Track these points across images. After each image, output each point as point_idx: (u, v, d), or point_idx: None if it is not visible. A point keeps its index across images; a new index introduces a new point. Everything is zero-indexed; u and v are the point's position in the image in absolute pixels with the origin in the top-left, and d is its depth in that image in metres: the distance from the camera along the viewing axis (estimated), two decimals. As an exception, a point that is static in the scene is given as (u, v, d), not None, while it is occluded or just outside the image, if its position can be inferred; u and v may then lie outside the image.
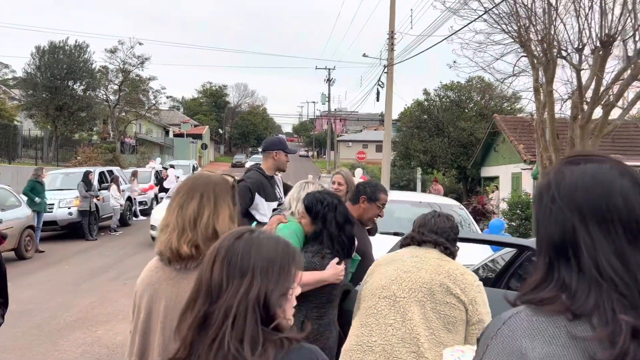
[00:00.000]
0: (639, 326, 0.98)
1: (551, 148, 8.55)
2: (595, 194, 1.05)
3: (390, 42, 24.92)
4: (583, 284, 1.02)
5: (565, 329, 1.00)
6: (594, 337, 0.98)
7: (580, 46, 7.69)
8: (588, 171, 1.08)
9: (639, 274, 1.01)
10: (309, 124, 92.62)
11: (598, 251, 1.02)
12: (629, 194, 1.05)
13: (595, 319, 0.99)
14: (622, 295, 1.00)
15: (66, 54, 31.49)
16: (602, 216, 1.04)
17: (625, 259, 1.02)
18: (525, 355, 1.00)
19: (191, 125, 60.26)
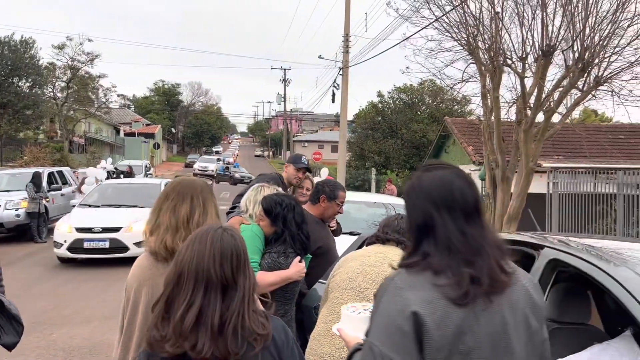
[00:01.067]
0: (474, 275, 1.46)
1: (497, 151, 9.00)
2: (442, 190, 1.56)
3: (345, 44, 25.27)
4: (438, 251, 1.50)
5: (430, 280, 1.47)
6: (447, 283, 1.45)
7: (524, 55, 8.14)
8: (437, 175, 1.59)
9: (472, 242, 1.50)
10: (265, 123, 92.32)
11: (447, 229, 1.51)
12: (463, 189, 1.56)
13: (449, 273, 1.46)
14: (463, 256, 1.48)
15: (11, 49, 30.33)
16: (447, 205, 1.53)
17: (464, 232, 1.51)
18: (407, 299, 1.44)
19: (143, 124, 58.97)
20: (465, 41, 8.87)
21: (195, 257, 1.56)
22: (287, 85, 55.02)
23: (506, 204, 8.94)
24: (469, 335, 1.45)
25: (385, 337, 1.45)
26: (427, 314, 1.43)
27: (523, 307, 1.55)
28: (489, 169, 9.45)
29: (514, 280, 1.55)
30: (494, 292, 1.50)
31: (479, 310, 1.48)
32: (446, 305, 1.44)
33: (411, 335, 1.43)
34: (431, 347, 1.43)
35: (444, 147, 24.64)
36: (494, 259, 1.52)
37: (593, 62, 7.97)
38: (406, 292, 1.47)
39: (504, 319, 1.51)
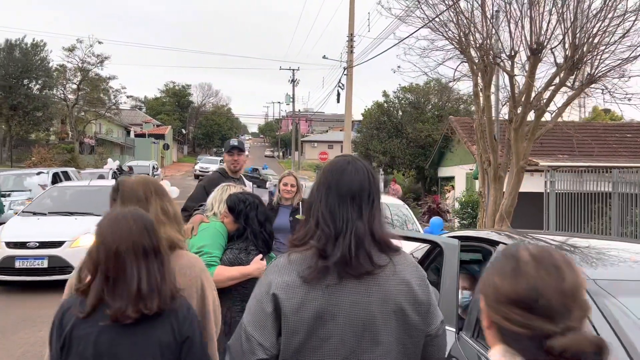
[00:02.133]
0: (325, 250, 1.56)
1: (489, 149, 8.99)
2: (329, 174, 1.69)
3: (349, 44, 25.32)
4: (309, 228, 1.65)
5: (296, 260, 1.60)
6: (302, 258, 1.60)
7: (513, 53, 8.12)
8: (334, 162, 1.75)
9: (337, 222, 1.60)
10: (275, 124, 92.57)
11: (319, 207, 1.65)
12: (351, 175, 1.66)
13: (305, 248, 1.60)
14: (326, 234, 1.59)
15: (22, 52, 30.79)
16: (327, 186, 1.67)
17: (332, 212, 1.63)
18: (271, 282, 1.58)
19: (153, 125, 59.47)
20: (457, 40, 8.87)
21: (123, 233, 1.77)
22: (295, 85, 55.11)
23: (498, 202, 8.92)
24: (330, 322, 1.53)
25: (251, 317, 1.58)
26: (286, 298, 1.53)
27: (399, 299, 1.58)
28: (482, 167, 9.45)
29: (390, 272, 1.59)
30: (348, 272, 1.56)
31: (332, 289, 1.55)
32: (304, 289, 1.54)
33: (272, 316, 1.54)
34: (288, 329, 1.53)
35: (450, 146, 24.57)
36: (358, 244, 1.57)
37: (583, 60, 7.94)
38: (273, 274, 1.59)
39: (370, 309, 1.56)
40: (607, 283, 2.43)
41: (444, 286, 3.37)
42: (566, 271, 1.13)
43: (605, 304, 2.26)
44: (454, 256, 3.45)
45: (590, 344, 1.07)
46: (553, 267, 1.13)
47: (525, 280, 1.12)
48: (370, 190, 1.67)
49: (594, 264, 2.90)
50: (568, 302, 1.10)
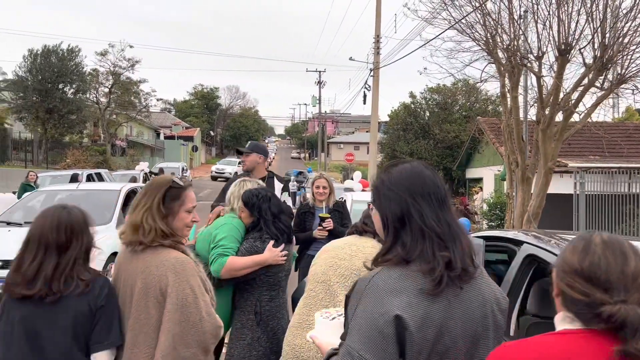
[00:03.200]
0: (450, 259, 1.48)
1: (516, 150, 8.96)
2: (415, 180, 1.60)
3: (376, 45, 25.32)
4: (414, 239, 1.52)
5: (408, 277, 1.47)
6: (420, 270, 1.48)
7: (540, 54, 8.09)
8: (406, 167, 1.65)
9: (446, 227, 1.53)
10: (301, 125, 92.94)
11: (424, 216, 1.53)
12: (434, 178, 1.62)
13: (422, 260, 1.49)
14: (439, 241, 1.51)
15: (58, 57, 31.70)
16: (422, 193, 1.57)
17: (439, 217, 1.54)
18: (389, 302, 1.44)
19: (182, 128, 60.38)
20: (483, 41, 8.87)
21: (39, 227, 2.22)
22: (322, 87, 55.30)
23: (526, 204, 8.88)
24: (447, 336, 1.47)
25: (366, 341, 1.42)
26: (410, 318, 1.42)
27: (491, 300, 1.57)
28: (509, 169, 9.41)
29: (479, 273, 1.58)
30: (464, 280, 1.51)
31: (452, 299, 1.48)
32: (426, 306, 1.45)
33: (392, 339, 1.41)
34: (413, 350, 1.42)
35: (477, 147, 24.35)
36: (467, 247, 1.55)
37: (613, 60, 7.86)
38: (387, 294, 1.45)
39: (475, 315, 1.52)
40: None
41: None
42: (631, 257, 1.29)
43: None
44: (479, 255, 3.53)
45: (635, 316, 1.20)
46: (620, 252, 1.29)
47: (591, 257, 1.29)
48: (446, 188, 1.67)
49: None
50: (628, 282, 1.25)
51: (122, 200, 8.47)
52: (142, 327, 2.21)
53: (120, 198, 8.55)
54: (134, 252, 2.32)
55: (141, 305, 2.22)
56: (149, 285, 2.23)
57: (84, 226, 2.30)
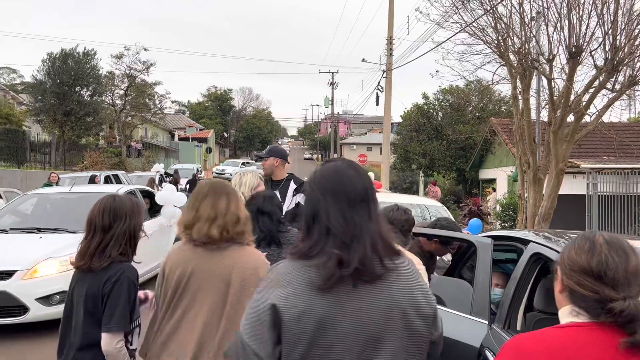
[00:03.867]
0: (343, 257, 1.51)
1: (528, 152, 9.04)
2: (331, 179, 1.64)
3: (388, 47, 25.42)
4: (320, 236, 1.57)
5: (301, 269, 1.55)
6: (315, 264, 1.52)
7: (551, 57, 8.18)
8: (330, 166, 1.69)
9: (350, 226, 1.55)
10: (314, 126, 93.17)
11: (329, 213, 1.58)
12: (352, 178, 1.63)
13: (321, 255, 1.53)
14: (340, 239, 1.54)
15: (75, 60, 32.21)
16: (333, 192, 1.61)
17: (345, 216, 1.57)
18: (270, 293, 1.54)
19: (197, 129, 60.91)
20: (495, 44, 8.98)
21: (91, 212, 2.69)
22: (334, 88, 55.42)
23: (538, 204, 8.96)
24: (331, 330, 1.48)
25: (249, 327, 1.54)
26: (285, 308, 1.48)
27: (403, 304, 1.55)
28: (521, 170, 9.50)
29: (396, 276, 1.57)
30: (361, 278, 1.52)
31: (343, 296, 1.51)
32: (310, 297, 1.49)
33: (269, 327, 1.49)
34: (288, 339, 1.48)
35: (490, 148, 24.34)
36: (373, 248, 1.55)
37: (624, 62, 7.92)
38: (274, 284, 1.55)
39: (376, 314, 1.52)
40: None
41: (477, 282, 3.59)
42: (631, 255, 1.43)
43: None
44: (487, 254, 3.67)
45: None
46: (622, 250, 1.43)
47: (598, 257, 1.41)
48: (373, 192, 1.67)
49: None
50: (630, 278, 1.39)
51: None
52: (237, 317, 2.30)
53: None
54: (211, 250, 2.48)
55: (236, 297, 2.40)
56: (245, 278, 2.42)
57: (129, 211, 2.67)
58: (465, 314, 3.46)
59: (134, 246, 2.69)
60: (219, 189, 2.64)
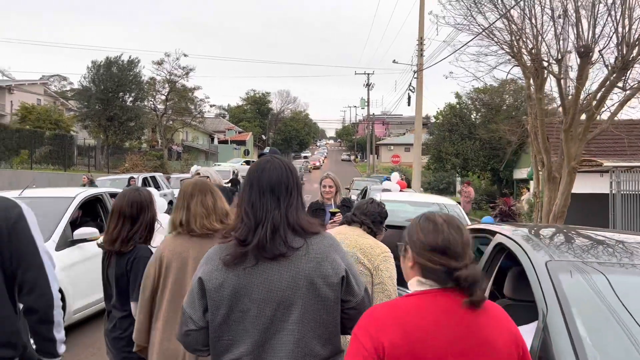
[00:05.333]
0: (241, 238, 1.84)
1: (542, 150, 9.15)
2: (253, 172, 1.97)
3: (419, 47, 25.51)
4: (237, 220, 1.93)
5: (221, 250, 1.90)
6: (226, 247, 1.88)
7: (560, 57, 8.29)
8: (259, 160, 2.03)
9: (257, 212, 1.87)
10: (351, 128, 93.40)
11: (243, 201, 1.93)
12: (270, 171, 1.94)
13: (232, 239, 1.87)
14: (249, 224, 1.87)
15: (119, 68, 33.66)
16: (250, 182, 1.94)
17: (253, 204, 1.90)
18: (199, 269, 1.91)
19: (235, 132, 62.22)
20: (508, 45, 9.14)
21: (119, 203, 3.12)
22: (370, 89, 55.56)
23: (552, 202, 9.06)
24: (246, 297, 1.82)
25: (187, 298, 1.94)
26: (207, 280, 1.85)
27: (310, 275, 1.84)
28: (536, 168, 9.60)
29: (305, 253, 1.86)
30: (262, 256, 1.83)
31: (249, 270, 1.83)
32: (224, 272, 1.84)
33: (198, 295, 1.87)
34: (212, 305, 1.85)
35: (525, 147, 24.05)
36: (274, 230, 1.84)
37: (636, 59, 7.96)
38: (203, 263, 1.93)
39: (281, 284, 1.83)
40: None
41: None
42: (464, 230, 1.70)
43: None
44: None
45: (480, 274, 1.63)
46: (457, 227, 1.70)
47: (442, 235, 1.66)
48: (288, 183, 1.93)
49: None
50: (465, 248, 1.67)
51: (71, 212, 6.21)
52: None
53: (70, 210, 6.22)
54: (210, 238, 2.76)
55: None
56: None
57: (149, 204, 3.18)
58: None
59: (152, 232, 3.20)
60: (204, 188, 2.96)
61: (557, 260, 2.96)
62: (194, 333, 1.91)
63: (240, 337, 1.85)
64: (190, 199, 2.87)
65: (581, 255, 3.25)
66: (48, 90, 49.96)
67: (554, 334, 2.45)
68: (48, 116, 33.78)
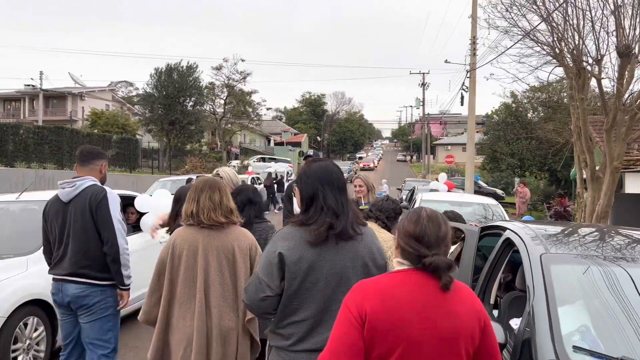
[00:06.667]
0: (332, 223, 2.29)
1: (585, 150, 9.14)
2: (325, 173, 2.42)
3: (472, 47, 25.27)
4: (316, 211, 2.34)
5: (299, 231, 2.32)
6: (311, 229, 2.29)
7: (599, 57, 8.28)
8: (322, 164, 2.49)
9: (339, 205, 2.33)
10: (407, 128, 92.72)
11: (326, 197, 2.36)
12: (338, 174, 2.45)
13: (316, 224, 2.29)
14: (334, 212, 2.31)
15: (179, 74, 35.27)
16: (328, 183, 2.39)
17: (337, 198, 2.36)
18: (277, 245, 2.30)
19: (291, 134, 63.35)
20: (550, 46, 9.19)
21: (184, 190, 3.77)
22: (425, 89, 55.11)
23: (596, 203, 9.03)
24: (317, 271, 2.26)
25: (263, 267, 2.32)
26: (288, 255, 2.26)
27: (363, 256, 2.34)
28: (580, 168, 9.57)
29: (361, 238, 2.37)
30: (342, 239, 2.31)
31: (328, 249, 2.27)
32: (305, 249, 2.26)
33: (277, 267, 2.27)
34: (289, 276, 2.26)
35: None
36: (350, 219, 2.35)
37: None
38: (279, 240, 2.32)
39: (345, 262, 2.30)
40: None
41: (462, 262, 4.22)
42: (442, 225, 1.98)
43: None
44: (473, 240, 4.30)
45: (443, 263, 1.90)
46: (436, 222, 1.98)
47: (420, 226, 1.95)
48: (345, 183, 2.47)
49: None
50: (440, 241, 1.95)
51: None
52: (241, 275, 3.16)
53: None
54: (218, 230, 3.14)
55: (238, 263, 3.15)
56: (243, 249, 3.17)
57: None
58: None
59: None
60: (213, 185, 3.27)
61: (551, 253, 3.26)
62: (270, 299, 2.30)
63: (307, 303, 2.28)
64: (200, 193, 3.21)
65: (576, 249, 3.53)
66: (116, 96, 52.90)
67: (537, 317, 2.78)
68: (115, 121, 35.90)
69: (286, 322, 2.33)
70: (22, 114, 47.10)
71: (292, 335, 2.31)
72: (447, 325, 1.92)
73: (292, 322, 2.31)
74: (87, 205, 3.67)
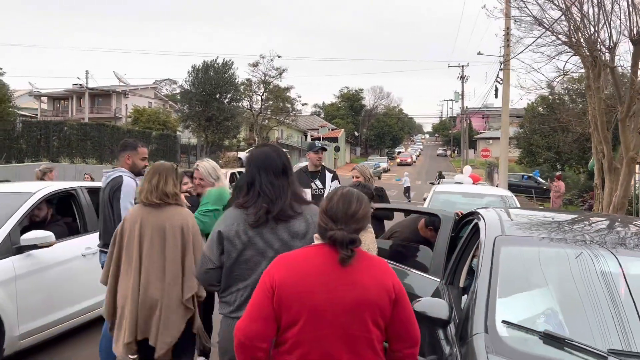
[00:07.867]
0: (270, 208, 2.52)
1: (602, 140, 9.00)
2: (261, 159, 2.65)
3: (506, 38, 24.77)
4: (253, 195, 2.59)
5: (238, 213, 2.60)
6: (249, 212, 2.56)
7: (612, 45, 8.14)
8: (261, 150, 2.72)
9: (275, 189, 2.56)
10: (448, 122, 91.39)
11: (261, 182, 2.59)
12: (275, 159, 2.65)
13: (253, 207, 2.55)
14: (268, 197, 2.55)
15: (215, 71, 36.01)
16: (264, 168, 2.62)
17: (272, 183, 2.58)
18: (219, 225, 2.61)
19: (328, 129, 63.53)
20: (566, 36, 9.08)
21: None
22: (465, 82, 54.29)
23: (614, 194, 8.89)
24: (253, 245, 2.53)
25: (207, 244, 2.62)
26: (225, 232, 2.55)
27: (304, 231, 2.56)
28: (597, 159, 9.42)
29: (302, 216, 2.58)
30: (281, 220, 2.55)
31: (266, 229, 2.52)
32: (241, 228, 2.53)
33: (216, 242, 2.56)
34: (227, 249, 2.54)
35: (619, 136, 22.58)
36: (288, 200, 2.57)
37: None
38: (221, 220, 2.65)
39: (284, 238, 2.54)
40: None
41: (436, 247, 4.36)
42: (354, 203, 2.15)
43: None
44: (448, 225, 4.45)
45: (343, 237, 2.06)
46: (348, 200, 2.16)
47: (331, 203, 2.16)
48: (289, 167, 2.67)
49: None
50: (347, 218, 2.12)
51: (24, 212, 4.94)
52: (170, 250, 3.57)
53: (23, 209, 4.95)
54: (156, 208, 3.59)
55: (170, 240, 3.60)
56: (174, 227, 3.58)
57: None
58: (424, 274, 4.26)
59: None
60: (157, 170, 3.70)
61: (506, 235, 3.38)
62: (212, 271, 2.57)
63: (245, 273, 2.54)
64: (146, 176, 3.71)
65: (532, 232, 3.62)
66: (158, 94, 54.45)
67: (478, 295, 2.93)
68: (157, 117, 37.02)
69: (229, 292, 2.61)
70: (70, 112, 49.17)
71: (233, 302, 2.60)
72: (350, 296, 2.06)
73: (233, 291, 2.59)
74: (107, 194, 4.38)
